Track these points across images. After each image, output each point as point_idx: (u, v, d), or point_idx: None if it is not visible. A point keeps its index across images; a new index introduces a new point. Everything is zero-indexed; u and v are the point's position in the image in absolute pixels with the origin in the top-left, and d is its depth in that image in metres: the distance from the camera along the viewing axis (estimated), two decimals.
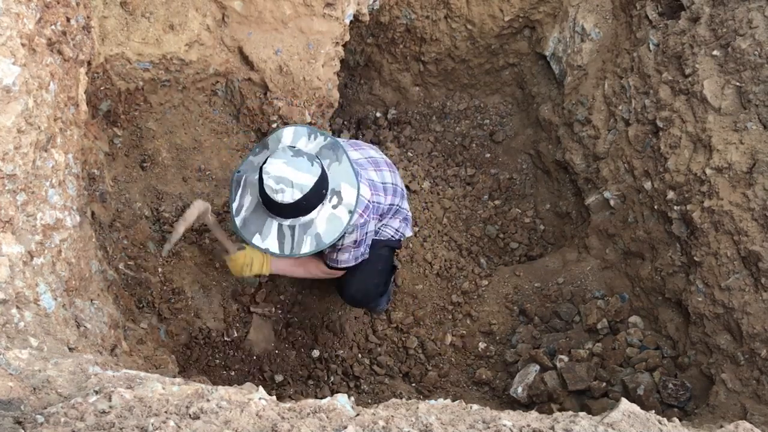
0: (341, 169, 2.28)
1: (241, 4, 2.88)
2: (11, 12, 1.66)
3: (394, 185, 2.71)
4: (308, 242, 2.22)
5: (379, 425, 1.23)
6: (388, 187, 2.65)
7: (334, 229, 2.24)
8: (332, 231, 2.23)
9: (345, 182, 2.27)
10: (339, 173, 2.28)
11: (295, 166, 2.12)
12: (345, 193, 2.26)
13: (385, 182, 2.64)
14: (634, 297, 3.08)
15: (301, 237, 2.22)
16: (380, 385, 3.12)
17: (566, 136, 3.60)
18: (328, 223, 2.23)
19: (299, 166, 2.12)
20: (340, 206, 2.24)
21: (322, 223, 2.23)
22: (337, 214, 2.24)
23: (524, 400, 2.92)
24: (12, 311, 1.51)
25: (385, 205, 2.63)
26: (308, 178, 2.12)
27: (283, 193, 2.11)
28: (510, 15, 3.74)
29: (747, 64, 2.53)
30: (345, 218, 2.24)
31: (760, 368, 2.39)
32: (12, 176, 1.61)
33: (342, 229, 2.24)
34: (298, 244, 2.22)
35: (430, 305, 3.35)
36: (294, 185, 2.11)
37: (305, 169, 2.13)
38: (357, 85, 4.20)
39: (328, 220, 2.23)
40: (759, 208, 2.45)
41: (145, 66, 2.78)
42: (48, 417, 1.14)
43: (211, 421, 1.15)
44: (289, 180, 2.10)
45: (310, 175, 2.13)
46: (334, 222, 2.24)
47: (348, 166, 2.29)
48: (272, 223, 2.22)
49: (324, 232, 2.23)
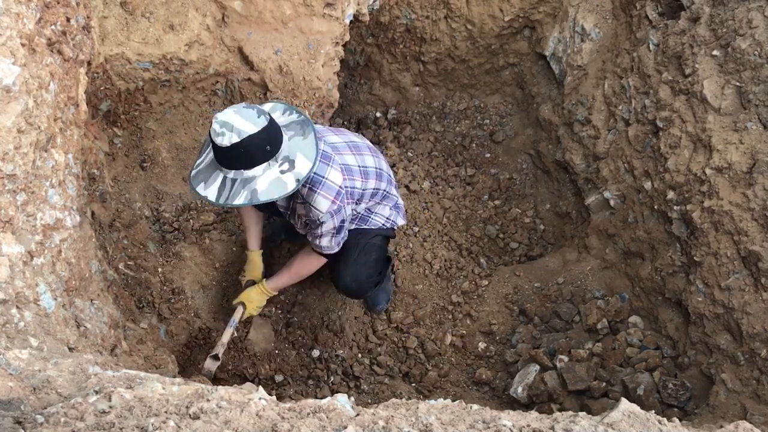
0: (302, 143, 2.32)
1: (241, 4, 2.88)
2: (11, 12, 1.66)
3: (378, 169, 2.71)
4: (243, 195, 2.26)
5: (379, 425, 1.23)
6: (370, 170, 2.66)
7: (274, 191, 2.26)
8: (271, 192, 2.26)
9: (302, 154, 2.30)
10: (298, 145, 2.31)
11: (241, 115, 2.18)
12: (299, 163, 2.28)
13: (365, 166, 2.64)
14: (634, 297, 3.08)
15: (239, 190, 2.26)
16: (380, 385, 3.12)
17: (566, 136, 3.60)
18: (270, 184, 2.26)
19: (245, 115, 2.18)
20: (289, 173, 2.27)
21: (264, 183, 2.26)
22: (284, 179, 2.26)
23: (524, 400, 2.92)
24: (12, 311, 1.51)
25: (365, 190, 2.64)
26: (249, 126, 2.17)
27: (222, 137, 2.16)
28: (510, 15, 3.74)
29: (747, 64, 2.54)
30: (291, 186, 2.26)
31: (760, 368, 2.39)
32: (12, 176, 1.61)
33: (284, 193, 2.26)
34: (233, 196, 2.26)
35: (430, 305, 3.35)
36: (234, 129, 2.15)
37: (250, 118, 2.18)
38: (357, 85, 4.20)
39: (272, 182, 2.26)
40: (759, 208, 2.45)
41: (145, 66, 2.78)
42: (48, 417, 1.14)
43: (211, 421, 1.15)
44: (231, 125, 2.16)
45: (251, 124, 2.17)
46: (277, 185, 2.26)
47: (311, 143, 2.32)
48: (218, 175, 2.28)
49: (262, 191, 2.25)
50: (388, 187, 2.78)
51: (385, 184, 2.75)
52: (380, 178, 2.71)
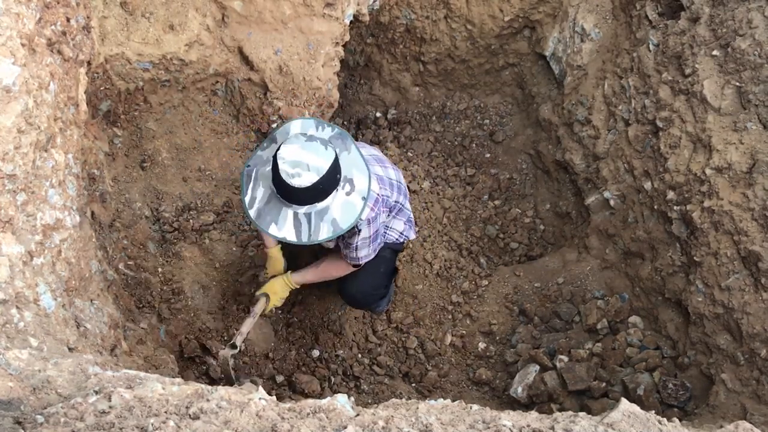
0: (351, 158, 2.28)
1: (241, 4, 2.88)
2: (11, 12, 1.66)
3: (399, 182, 2.71)
4: (325, 229, 2.21)
5: (379, 425, 1.23)
6: (394, 183, 2.66)
7: (349, 215, 2.23)
8: (348, 217, 2.23)
9: (356, 169, 2.27)
10: (349, 161, 2.28)
11: (310, 150, 2.12)
12: (357, 181, 2.26)
13: (390, 178, 2.64)
14: (634, 297, 3.08)
15: (318, 224, 2.21)
16: (380, 385, 3.12)
17: (566, 136, 3.60)
18: (343, 209, 2.22)
19: (314, 150, 2.13)
20: (354, 193, 2.24)
21: (338, 210, 2.22)
22: (351, 200, 2.24)
23: (524, 400, 2.92)
24: (12, 311, 1.51)
25: (393, 201, 2.63)
26: (324, 161, 2.12)
27: (300, 177, 2.10)
28: (510, 15, 3.74)
29: (747, 64, 2.54)
30: (359, 205, 2.24)
31: (760, 368, 2.39)
32: (12, 176, 1.61)
33: (357, 215, 2.23)
34: (315, 231, 2.21)
35: (430, 305, 3.35)
36: (310, 168, 2.10)
37: (320, 152, 2.13)
38: (357, 85, 4.20)
39: (343, 207, 2.23)
40: (759, 208, 2.45)
41: (145, 66, 2.78)
42: (48, 417, 1.14)
43: (211, 421, 1.15)
44: (305, 163, 2.10)
45: (325, 159, 2.13)
46: (348, 208, 2.23)
47: (357, 156, 2.29)
48: (287, 213, 2.21)
49: (340, 219, 2.22)
50: (404, 201, 2.77)
51: (403, 197, 2.75)
52: (400, 191, 2.71)
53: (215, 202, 3.11)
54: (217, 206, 3.10)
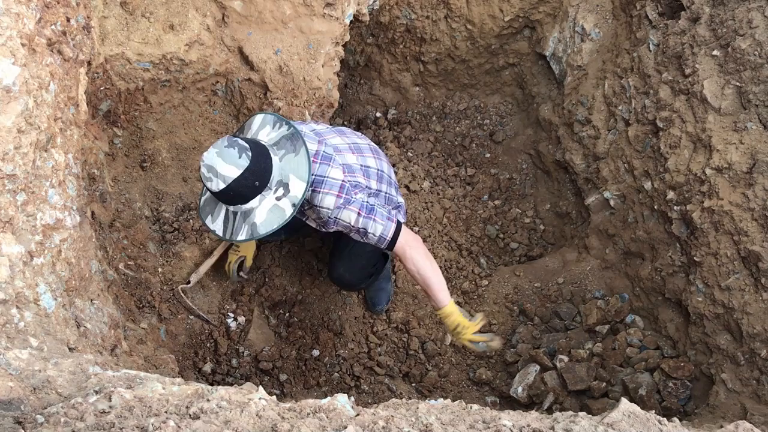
0: (295, 161, 2.29)
1: (241, 4, 2.88)
2: (11, 12, 1.66)
3: (379, 171, 2.68)
4: (244, 230, 2.26)
5: (379, 425, 1.23)
6: (371, 171, 2.63)
7: (273, 219, 2.25)
8: (271, 221, 2.25)
9: (294, 175, 2.27)
10: (291, 165, 2.29)
11: (223, 157, 2.16)
12: (292, 186, 2.26)
13: (367, 166, 2.62)
14: (634, 297, 3.08)
15: (240, 224, 2.26)
16: (380, 385, 3.12)
17: (566, 136, 3.60)
18: (269, 213, 2.25)
19: (226, 158, 2.16)
20: (285, 198, 2.26)
21: (263, 213, 2.25)
22: (281, 205, 2.25)
23: (524, 400, 2.92)
24: (12, 311, 1.51)
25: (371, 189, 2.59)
26: (232, 170, 2.16)
27: (211, 182, 2.16)
28: (510, 15, 3.74)
29: (747, 64, 2.54)
30: (288, 211, 2.25)
31: (760, 368, 2.39)
32: (12, 176, 1.61)
33: (282, 221, 2.25)
34: (236, 231, 2.27)
35: (430, 305, 3.35)
36: (218, 175, 2.15)
37: (231, 161, 2.16)
38: (357, 85, 4.20)
39: (270, 211, 2.25)
40: (759, 208, 2.45)
41: (145, 66, 2.78)
42: (48, 417, 1.14)
43: (211, 421, 1.15)
44: (215, 170, 2.15)
45: (234, 168, 2.16)
46: (275, 213, 2.25)
47: (303, 159, 2.29)
48: (222, 208, 2.29)
49: (261, 223, 2.25)
50: (389, 189, 2.75)
51: (386, 186, 2.72)
52: (380, 179, 2.68)
53: None
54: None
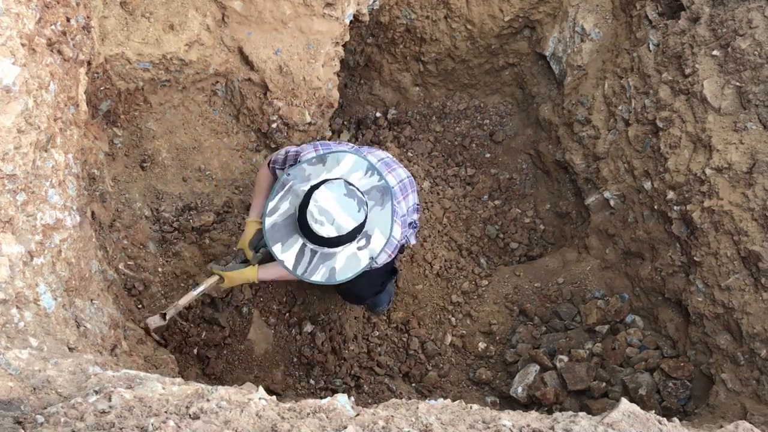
0: (380, 215, 2.27)
1: (241, 4, 2.88)
2: (11, 12, 1.66)
3: (416, 204, 2.72)
4: (321, 272, 2.21)
5: (379, 425, 1.23)
6: (410, 208, 2.66)
7: (350, 268, 2.23)
8: (347, 270, 2.23)
9: (379, 229, 2.26)
10: (377, 219, 2.27)
11: (342, 206, 2.12)
12: (374, 239, 2.25)
13: (410, 206, 2.64)
14: (634, 297, 3.08)
15: (318, 265, 2.21)
16: (380, 385, 3.12)
17: (566, 136, 3.60)
18: (347, 260, 2.23)
19: (347, 208, 2.13)
20: (365, 249, 2.24)
21: (342, 259, 2.22)
22: (359, 255, 2.23)
23: (524, 400, 2.92)
24: (12, 311, 1.51)
25: None
26: (350, 222, 2.13)
27: (321, 225, 2.11)
28: (510, 15, 3.74)
29: (747, 64, 2.53)
30: (364, 262, 2.24)
31: (760, 368, 2.39)
32: (12, 176, 1.61)
33: (357, 271, 2.24)
34: (311, 271, 2.21)
35: (430, 305, 3.35)
36: (334, 223, 2.11)
37: (351, 213, 2.13)
38: (357, 85, 4.20)
39: (348, 258, 2.23)
40: (759, 208, 2.45)
41: (145, 66, 2.78)
42: (48, 417, 1.14)
43: (211, 421, 1.15)
44: (332, 216, 2.11)
45: (353, 221, 2.13)
46: (352, 261, 2.23)
47: (388, 215, 2.28)
48: (298, 240, 2.21)
49: (340, 269, 2.22)
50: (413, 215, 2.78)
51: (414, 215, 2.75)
52: (416, 211, 2.72)
53: (215, 202, 3.11)
54: (217, 206, 3.10)
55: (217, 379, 2.93)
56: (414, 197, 2.69)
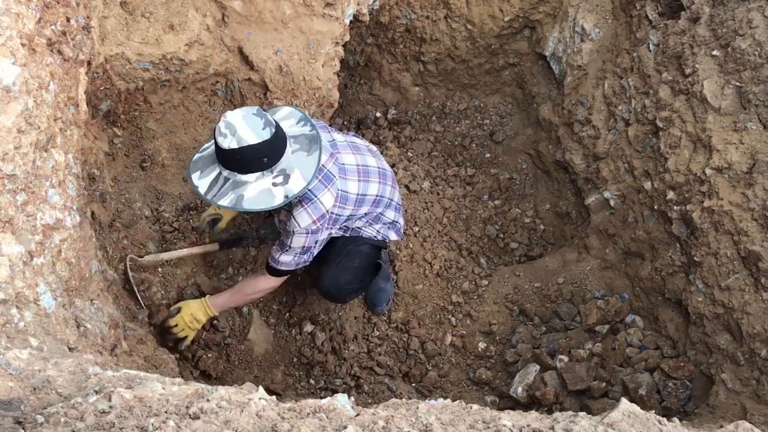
0: (305, 160, 2.29)
1: (241, 4, 2.88)
2: (11, 12, 1.66)
3: (378, 196, 2.69)
4: (229, 198, 2.25)
5: (379, 425, 1.23)
6: (368, 198, 2.63)
7: (260, 201, 2.24)
8: (257, 202, 2.24)
9: (299, 170, 2.27)
10: (300, 162, 2.29)
11: (247, 122, 2.17)
12: (293, 180, 2.26)
13: (365, 194, 2.62)
14: (634, 297, 3.08)
15: (227, 190, 2.25)
16: (380, 385, 3.12)
17: (566, 136, 3.60)
18: (259, 194, 2.24)
19: (251, 123, 2.17)
20: (280, 186, 2.25)
21: (253, 191, 2.24)
22: (273, 192, 2.25)
23: (524, 400, 2.92)
24: (12, 311, 1.51)
25: (351, 217, 2.62)
26: (251, 136, 2.16)
27: (224, 138, 2.16)
28: (510, 15, 3.74)
29: (747, 64, 2.54)
30: (278, 200, 2.25)
31: (760, 368, 2.39)
32: (12, 176, 1.61)
33: (269, 206, 2.25)
34: (220, 195, 2.26)
35: (430, 305, 3.35)
36: (235, 135, 2.15)
37: (254, 128, 2.17)
38: (357, 85, 4.20)
39: (261, 192, 2.24)
40: (759, 208, 2.45)
41: (145, 66, 2.78)
42: (48, 417, 1.14)
43: (211, 421, 1.15)
44: (234, 129, 2.15)
45: (254, 134, 2.16)
46: (264, 196, 2.24)
47: (313, 161, 2.30)
48: (215, 169, 2.27)
49: (249, 198, 2.24)
50: (385, 211, 2.77)
51: (382, 207, 2.74)
52: (377, 204, 2.70)
53: None
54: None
55: (217, 379, 2.93)
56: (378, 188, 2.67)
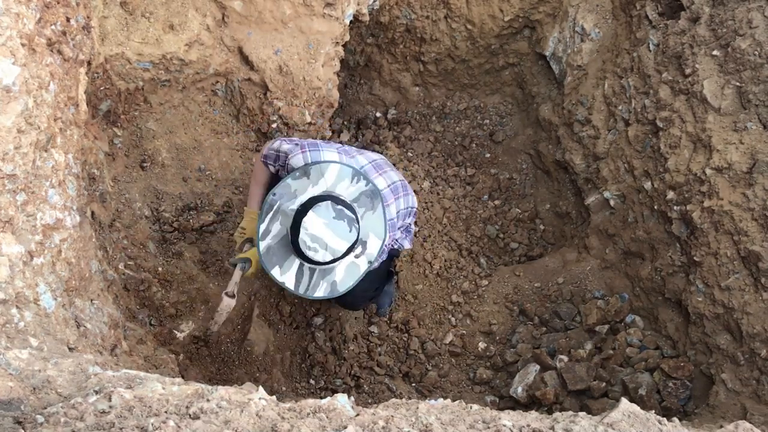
0: (372, 219, 2.26)
1: (241, 4, 2.88)
2: (11, 12, 1.66)
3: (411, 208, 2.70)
4: (323, 288, 2.20)
5: (379, 425, 1.23)
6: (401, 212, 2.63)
7: (350, 277, 2.22)
8: (348, 279, 2.22)
9: (373, 233, 2.24)
10: (369, 223, 2.25)
11: (333, 230, 2.10)
12: (370, 244, 2.23)
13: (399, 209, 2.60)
14: (634, 297, 3.08)
15: (318, 281, 2.19)
16: (380, 385, 3.12)
17: (566, 136, 3.60)
18: (346, 270, 2.21)
19: (338, 231, 2.10)
20: (362, 256, 2.22)
21: (341, 271, 2.21)
22: (357, 262, 2.22)
23: (524, 400, 2.91)
24: (12, 311, 1.51)
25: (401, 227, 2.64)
26: (343, 245, 2.11)
27: (315, 252, 2.10)
28: (510, 15, 3.74)
29: (747, 64, 2.54)
30: (363, 268, 2.22)
31: (760, 368, 2.39)
32: (12, 176, 1.61)
33: (358, 278, 2.22)
34: (313, 288, 2.20)
35: (430, 305, 3.35)
36: (328, 248, 2.10)
37: (343, 235, 2.11)
38: (357, 85, 4.20)
39: (347, 268, 2.21)
40: (759, 208, 2.45)
41: (145, 66, 2.78)
42: (48, 417, 1.14)
43: (211, 421, 1.15)
44: (324, 243, 2.09)
45: (345, 242, 2.12)
46: (352, 270, 2.21)
47: (380, 217, 2.26)
48: (294, 261, 2.19)
49: (341, 281, 2.21)
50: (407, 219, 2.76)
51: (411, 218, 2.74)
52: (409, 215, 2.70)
53: (215, 202, 3.11)
54: (217, 206, 3.10)
55: (217, 379, 2.93)
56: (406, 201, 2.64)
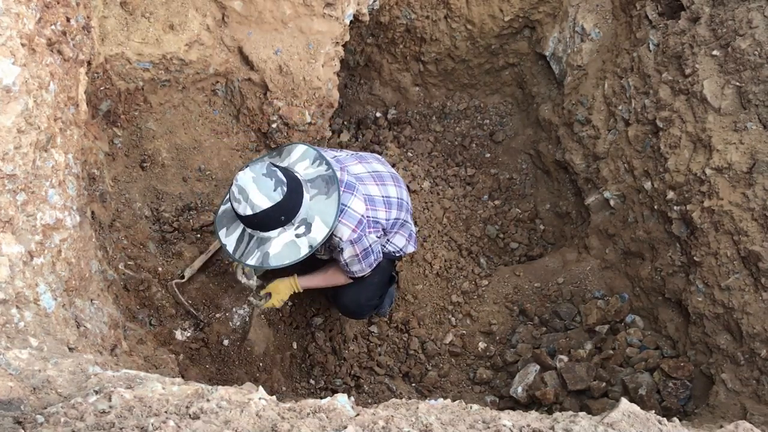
0: (325, 204, 2.28)
1: (241, 4, 2.88)
2: (11, 12, 1.66)
3: (399, 199, 2.70)
4: (256, 256, 2.24)
5: (379, 425, 1.23)
6: (392, 201, 2.64)
7: (286, 256, 2.23)
8: (284, 256, 2.23)
9: (320, 218, 2.26)
10: (320, 207, 2.27)
11: (258, 185, 2.14)
12: (315, 227, 2.25)
13: (388, 196, 2.62)
14: (634, 297, 3.08)
15: (253, 249, 2.25)
16: (380, 385, 3.12)
17: (566, 136, 3.60)
18: (284, 247, 2.23)
19: (261, 186, 2.14)
20: (304, 237, 2.24)
21: (278, 246, 2.24)
22: (298, 243, 2.24)
23: (524, 400, 2.91)
24: (12, 311, 1.51)
25: (388, 221, 2.62)
26: (263, 200, 2.14)
27: (239, 203, 2.15)
28: (510, 15, 3.74)
29: (747, 64, 2.53)
30: (303, 251, 2.24)
31: (760, 368, 2.39)
32: (12, 176, 1.61)
33: (296, 259, 2.24)
34: (247, 254, 2.25)
35: (430, 305, 3.35)
36: (248, 200, 2.13)
37: (265, 191, 2.14)
38: (357, 85, 4.20)
39: (286, 245, 2.24)
40: (759, 208, 2.45)
41: (145, 66, 2.78)
42: (48, 417, 1.14)
43: (211, 421, 1.15)
44: (246, 194, 2.13)
45: (266, 199, 2.14)
46: (290, 249, 2.23)
47: (333, 204, 2.28)
48: (239, 225, 2.27)
49: (274, 255, 2.23)
50: (406, 216, 2.78)
51: (405, 213, 2.75)
52: (401, 207, 2.71)
53: (215, 202, 3.11)
54: (217, 206, 3.10)
55: (217, 379, 2.93)
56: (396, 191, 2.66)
